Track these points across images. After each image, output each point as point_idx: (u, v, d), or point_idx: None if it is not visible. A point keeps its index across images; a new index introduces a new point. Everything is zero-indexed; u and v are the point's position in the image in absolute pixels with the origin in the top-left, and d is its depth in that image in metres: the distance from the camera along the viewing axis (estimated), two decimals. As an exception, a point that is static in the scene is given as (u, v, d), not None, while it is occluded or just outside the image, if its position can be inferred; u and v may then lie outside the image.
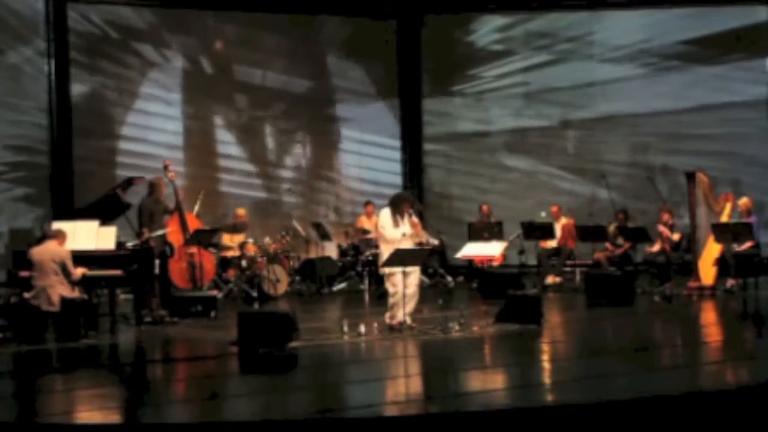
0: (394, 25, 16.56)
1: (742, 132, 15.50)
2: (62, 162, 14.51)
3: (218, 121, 15.79)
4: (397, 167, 16.66)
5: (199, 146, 15.66)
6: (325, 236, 14.57)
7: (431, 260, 13.74)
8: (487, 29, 16.54)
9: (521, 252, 14.28)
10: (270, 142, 16.15)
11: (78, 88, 14.72)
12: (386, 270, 10.02)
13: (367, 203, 15.10)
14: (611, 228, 13.69)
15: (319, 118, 16.38)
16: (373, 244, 13.24)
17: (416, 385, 8.05)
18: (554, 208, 14.54)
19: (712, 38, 15.67)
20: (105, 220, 11.02)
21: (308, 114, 16.28)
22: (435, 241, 13.28)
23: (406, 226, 10.02)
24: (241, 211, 14.05)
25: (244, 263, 13.27)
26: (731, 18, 15.57)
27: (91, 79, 14.89)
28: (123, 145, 15.05)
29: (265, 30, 15.88)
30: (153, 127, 15.29)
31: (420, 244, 10.40)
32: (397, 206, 10.11)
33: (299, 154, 16.33)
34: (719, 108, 15.64)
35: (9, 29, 14.16)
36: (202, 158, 15.65)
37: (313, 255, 14.79)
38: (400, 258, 9.68)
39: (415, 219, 10.11)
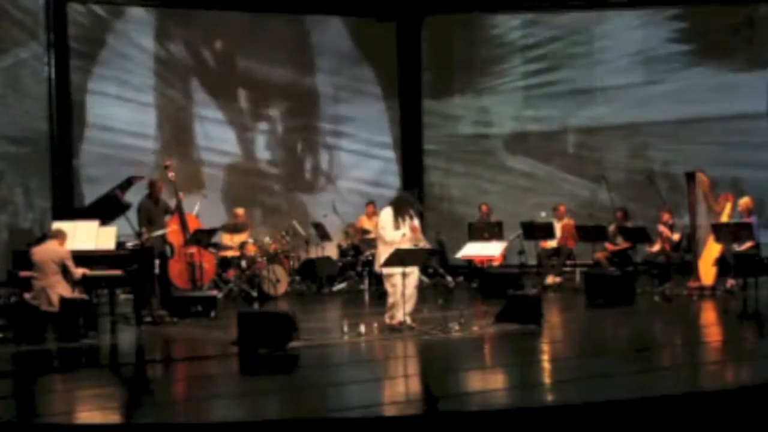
0: (395, 26, 16.56)
1: (742, 134, 15.47)
2: (62, 159, 14.49)
3: (221, 118, 15.77)
4: (397, 168, 16.66)
5: (199, 144, 15.65)
6: (325, 236, 14.56)
7: (431, 260, 13.72)
8: (488, 31, 16.53)
9: (521, 252, 14.27)
10: (271, 141, 16.15)
11: (78, 86, 14.71)
12: (385, 270, 10.02)
13: (369, 203, 15.08)
14: (611, 228, 13.68)
15: (319, 118, 16.37)
16: (374, 245, 13.21)
17: (416, 385, 8.05)
18: (562, 208, 14.49)
19: (713, 41, 15.65)
20: (105, 220, 11.04)
21: (308, 114, 16.28)
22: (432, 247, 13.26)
23: (406, 229, 10.00)
24: (241, 211, 14.04)
25: (244, 263, 13.28)
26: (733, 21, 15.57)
27: (92, 77, 14.88)
28: (123, 142, 15.03)
29: (266, 30, 15.88)
30: (154, 125, 15.30)
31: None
32: (399, 208, 10.09)
33: (299, 153, 16.34)
34: (719, 110, 15.61)
35: (10, 27, 14.15)
36: (202, 156, 15.65)
37: (313, 255, 14.79)
38: (401, 258, 9.67)
39: (415, 223, 10.08)
